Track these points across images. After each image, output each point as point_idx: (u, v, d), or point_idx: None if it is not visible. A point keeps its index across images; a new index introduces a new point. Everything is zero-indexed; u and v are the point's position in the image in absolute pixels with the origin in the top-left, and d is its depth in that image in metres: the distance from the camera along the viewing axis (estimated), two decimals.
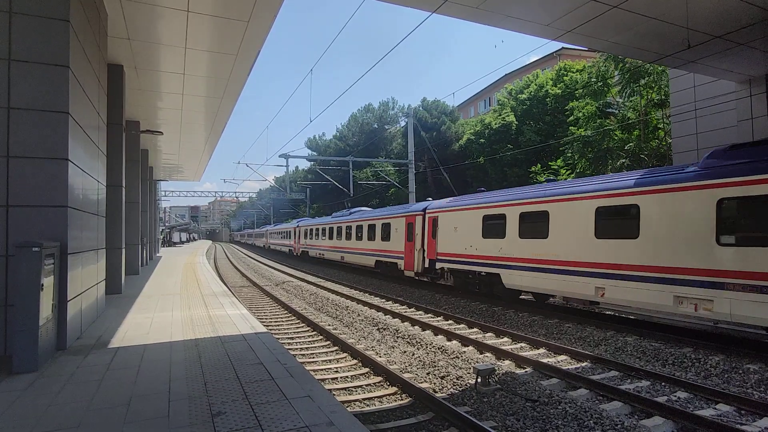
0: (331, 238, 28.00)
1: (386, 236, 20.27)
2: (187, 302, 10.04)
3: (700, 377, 7.10)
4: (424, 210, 17.35)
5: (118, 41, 9.20)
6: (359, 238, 23.31)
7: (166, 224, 62.03)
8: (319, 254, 29.77)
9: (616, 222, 9.85)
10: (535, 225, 11.81)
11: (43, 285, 5.04)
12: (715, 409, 5.85)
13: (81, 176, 6.54)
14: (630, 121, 19.99)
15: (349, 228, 25.01)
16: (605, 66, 20.21)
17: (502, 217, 12.89)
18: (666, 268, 8.70)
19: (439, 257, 15.91)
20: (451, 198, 17.07)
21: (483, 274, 13.70)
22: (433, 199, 19.69)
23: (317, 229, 31.47)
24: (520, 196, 12.61)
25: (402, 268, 18.57)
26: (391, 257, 19.77)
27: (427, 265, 16.74)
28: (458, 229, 14.91)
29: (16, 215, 5.52)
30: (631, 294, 9.27)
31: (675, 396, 6.27)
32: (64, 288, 5.83)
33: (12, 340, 5.05)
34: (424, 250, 16.98)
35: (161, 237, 44.81)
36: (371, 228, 21.96)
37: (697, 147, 14.24)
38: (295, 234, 38.50)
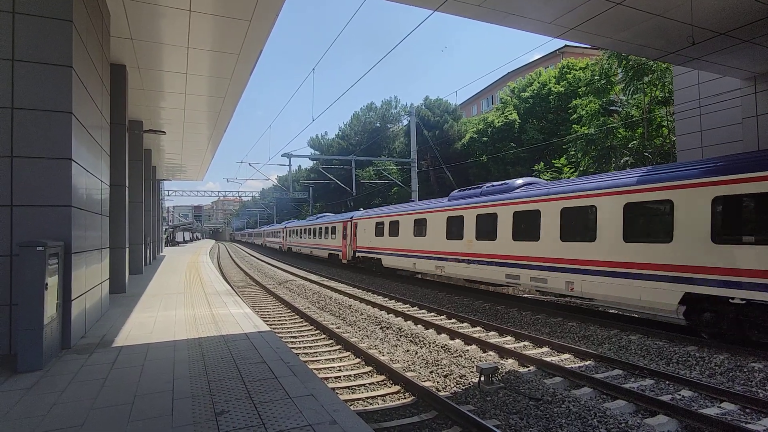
0: (303, 237, 36.50)
1: (334, 236, 27.84)
2: (190, 301, 10.07)
3: (704, 376, 7.07)
4: (351, 218, 25.19)
5: (120, 41, 9.22)
6: (319, 236, 31.22)
7: (170, 224, 62.23)
8: (297, 249, 36.42)
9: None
10: (393, 228, 19.64)
11: (47, 284, 5.06)
12: (720, 407, 5.83)
13: (84, 176, 6.56)
14: (633, 119, 19.91)
15: (313, 230, 33.04)
16: (608, 63, 20.12)
17: (382, 224, 20.70)
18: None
19: (357, 249, 23.67)
20: (366, 210, 25.66)
21: (374, 258, 21.51)
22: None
23: (296, 230, 40.29)
24: (389, 211, 20.76)
25: (341, 258, 26.52)
26: (335, 250, 27.74)
27: (353, 254, 24.37)
28: (366, 231, 22.64)
29: (20, 215, 5.54)
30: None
31: (679, 394, 6.25)
32: (68, 287, 5.85)
33: (17, 339, 5.08)
34: (349, 245, 24.89)
35: (165, 236, 44.97)
36: (326, 230, 29.63)
37: (701, 144, 14.17)
38: (282, 234, 45.30)
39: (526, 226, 12.11)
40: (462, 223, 14.78)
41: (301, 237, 37.99)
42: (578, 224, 10.72)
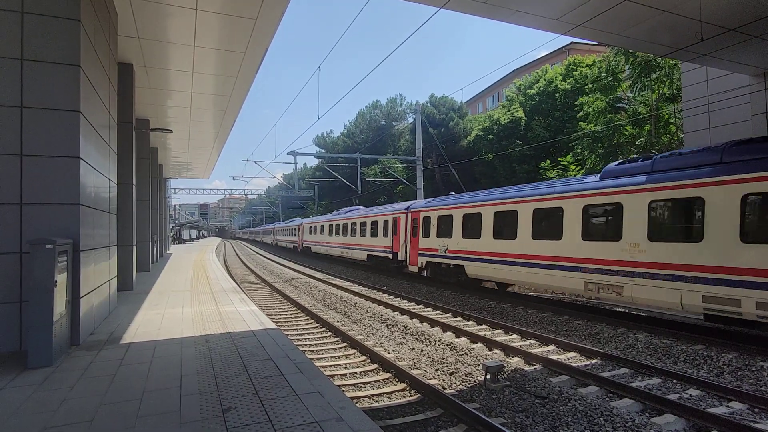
0: (285, 235, 49.36)
1: (302, 234, 39.06)
2: (197, 299, 10.13)
3: (712, 375, 7.02)
4: (300, 223, 37.16)
5: (127, 40, 9.28)
6: (292, 234, 44.12)
7: (176, 222, 62.58)
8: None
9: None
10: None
11: (56, 282, 5.11)
12: (728, 407, 5.79)
13: (92, 174, 6.61)
14: (641, 116, 19.74)
15: (290, 230, 45.58)
16: (616, 60, 19.95)
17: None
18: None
19: (304, 242, 30.22)
20: (308, 218, 35.63)
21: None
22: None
23: (282, 229, 51.49)
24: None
25: (298, 249, 38.77)
26: (295, 244, 41.97)
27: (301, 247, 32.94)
28: (314, 230, 30.04)
29: (29, 213, 5.60)
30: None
31: (687, 393, 6.21)
32: (77, 284, 5.91)
33: (27, 336, 5.14)
34: (303, 241, 34.40)
35: (171, 234, 45.23)
36: (293, 229, 43.48)
37: (709, 142, 14.04)
38: (299, 231, 47.68)
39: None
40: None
41: (282, 234, 45.39)
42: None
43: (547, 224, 11.63)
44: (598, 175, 10.86)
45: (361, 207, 30.22)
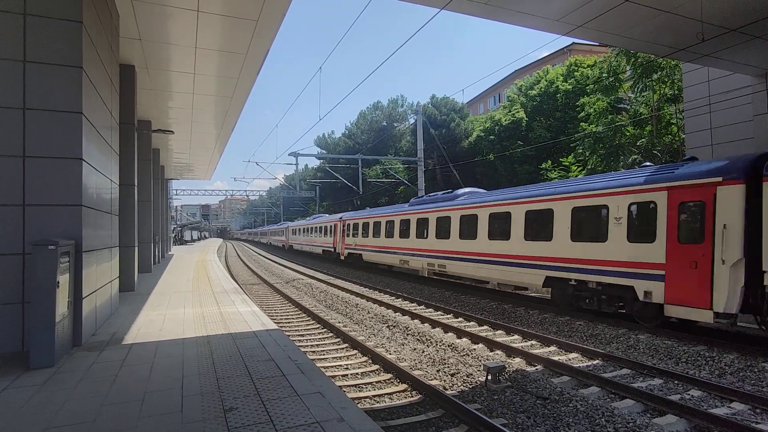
0: (277, 235, 55.74)
1: (287, 235, 47.50)
2: (198, 299, 10.15)
3: (714, 375, 7.01)
4: (287, 226, 44.10)
5: (129, 42, 9.31)
6: (279, 234, 52.72)
7: (178, 223, 62.67)
8: (275, 244, 47.86)
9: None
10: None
11: (58, 282, 5.13)
12: (730, 407, 5.78)
13: (95, 175, 6.64)
14: (642, 117, 19.73)
15: (280, 231, 52.34)
16: (617, 61, 19.94)
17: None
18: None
19: (289, 242, 39.42)
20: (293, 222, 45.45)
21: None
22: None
23: (274, 231, 58.41)
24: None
25: (285, 248, 47.53)
26: (283, 243, 49.05)
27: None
28: (295, 232, 39.39)
29: (32, 214, 5.63)
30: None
31: (688, 394, 6.20)
32: (79, 285, 5.93)
33: (29, 336, 5.16)
34: (288, 241, 43.12)
35: (173, 235, 45.30)
36: (282, 231, 50.51)
37: (711, 142, 14.03)
38: (265, 233, 60.36)
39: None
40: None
41: (272, 235, 57.45)
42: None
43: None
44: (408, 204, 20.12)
45: (324, 214, 39.12)
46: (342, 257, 27.47)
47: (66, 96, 5.82)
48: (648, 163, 11.07)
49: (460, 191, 16.94)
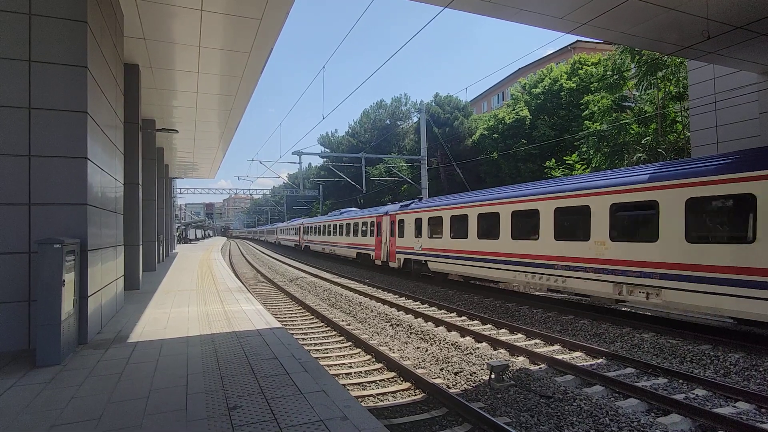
0: (269, 234, 66.33)
1: (277, 234, 59.40)
2: (203, 298, 10.19)
3: (719, 375, 6.98)
4: (277, 227, 61.25)
5: (133, 41, 9.34)
6: (273, 233, 64.63)
7: (182, 221, 62.89)
8: (267, 239, 59.72)
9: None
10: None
11: (64, 281, 5.17)
12: (735, 407, 5.76)
13: (99, 174, 6.67)
14: (647, 115, 19.63)
15: (271, 230, 65.86)
16: (621, 58, 19.84)
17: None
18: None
19: (278, 238, 55.02)
20: (282, 223, 57.77)
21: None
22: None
23: (268, 231, 68.24)
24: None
25: (275, 243, 61.56)
26: (275, 238, 61.45)
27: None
28: (280, 231, 54.68)
29: (37, 213, 5.66)
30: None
31: (693, 393, 6.18)
32: (85, 284, 5.97)
33: (35, 335, 5.20)
34: (278, 238, 57.49)
35: (177, 234, 45.47)
36: (274, 230, 64.06)
37: (716, 140, 13.94)
38: (272, 232, 65.16)
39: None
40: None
41: (265, 233, 75.91)
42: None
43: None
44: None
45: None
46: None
47: (71, 95, 5.85)
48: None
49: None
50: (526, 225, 12.33)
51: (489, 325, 10.46)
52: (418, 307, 12.70)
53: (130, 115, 10.37)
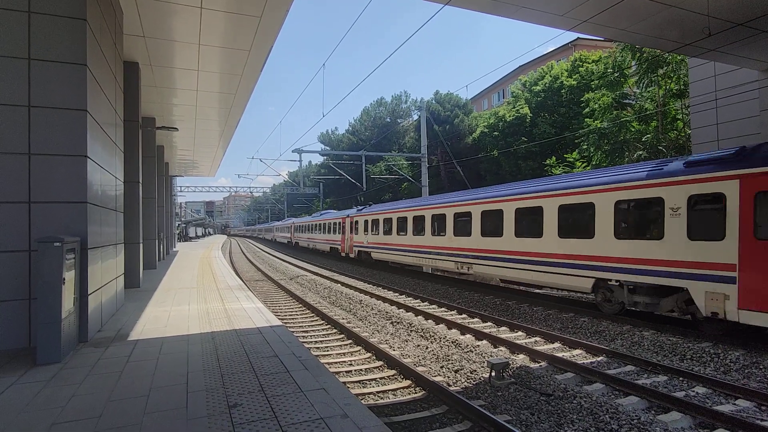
0: (277, 231, 61.72)
1: (273, 232, 64.15)
2: (203, 296, 10.20)
3: (719, 372, 6.98)
4: (273, 225, 68.16)
5: (133, 39, 9.32)
6: (269, 231, 70.47)
7: (182, 219, 62.91)
8: (281, 240, 56.99)
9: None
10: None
11: (64, 279, 5.17)
12: (735, 404, 5.76)
13: (99, 172, 6.66)
14: (648, 112, 19.59)
15: (267, 229, 72.96)
16: (622, 56, 19.78)
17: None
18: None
19: (273, 235, 62.26)
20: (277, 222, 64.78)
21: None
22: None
23: (277, 227, 62.11)
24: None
25: (270, 239, 69.05)
26: (271, 236, 66.95)
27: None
28: (271, 230, 64.73)
29: (37, 211, 5.66)
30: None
31: (693, 391, 6.18)
32: (85, 282, 5.97)
33: (36, 333, 5.20)
34: (274, 235, 63.22)
35: (177, 232, 45.49)
36: (269, 229, 71.76)
37: (717, 138, 13.93)
38: (270, 230, 68.35)
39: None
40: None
41: (274, 231, 64.88)
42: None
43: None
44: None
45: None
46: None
47: (70, 93, 5.84)
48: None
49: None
50: (439, 225, 16.58)
51: (489, 323, 10.47)
52: (419, 305, 12.71)
53: (130, 113, 10.35)
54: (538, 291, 14.76)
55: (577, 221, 10.68)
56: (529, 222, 12.03)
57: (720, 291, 7.77)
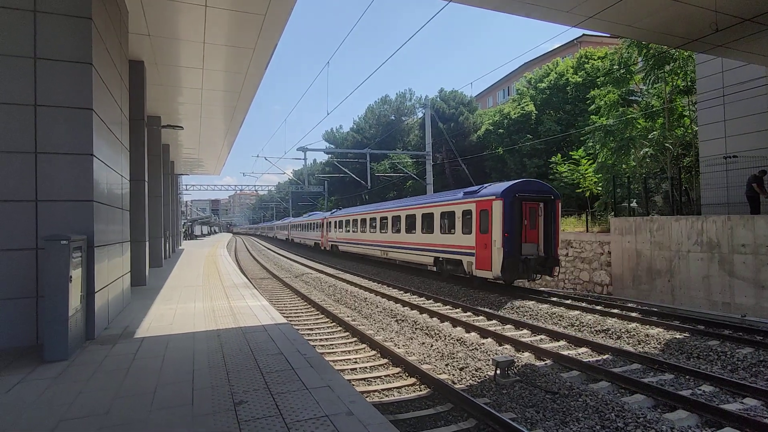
0: (278, 230, 64.93)
1: (274, 230, 69.27)
2: (209, 294, 10.24)
3: (726, 371, 6.94)
4: (273, 224, 76.15)
5: (138, 37, 9.35)
6: (270, 230, 75.00)
7: (188, 217, 63.17)
8: (281, 237, 61.05)
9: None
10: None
11: (71, 277, 5.20)
12: (742, 403, 5.72)
13: (105, 171, 6.70)
14: (654, 109, 19.43)
15: (269, 227, 77.94)
16: (628, 52, 19.61)
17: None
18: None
19: (274, 233, 67.07)
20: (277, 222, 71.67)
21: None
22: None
23: (278, 226, 66.63)
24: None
25: (270, 236, 77.15)
26: (273, 234, 70.82)
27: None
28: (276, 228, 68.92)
29: (44, 210, 5.70)
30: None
31: (700, 389, 6.15)
32: (92, 280, 6.00)
33: (43, 330, 5.24)
34: (275, 233, 68.49)
35: (183, 230, 45.70)
36: (270, 227, 78.65)
37: (725, 134, 13.80)
38: (272, 228, 71.72)
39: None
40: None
41: (282, 229, 62.97)
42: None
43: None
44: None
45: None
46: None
47: (76, 92, 5.86)
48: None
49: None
50: (371, 225, 23.71)
51: (494, 321, 10.45)
52: (423, 303, 12.70)
53: (136, 111, 10.38)
54: (543, 289, 14.71)
55: (428, 224, 17.52)
56: (410, 224, 19.17)
57: (470, 261, 14.47)
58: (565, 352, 7.76)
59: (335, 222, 30.63)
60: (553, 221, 13.84)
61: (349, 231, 27.56)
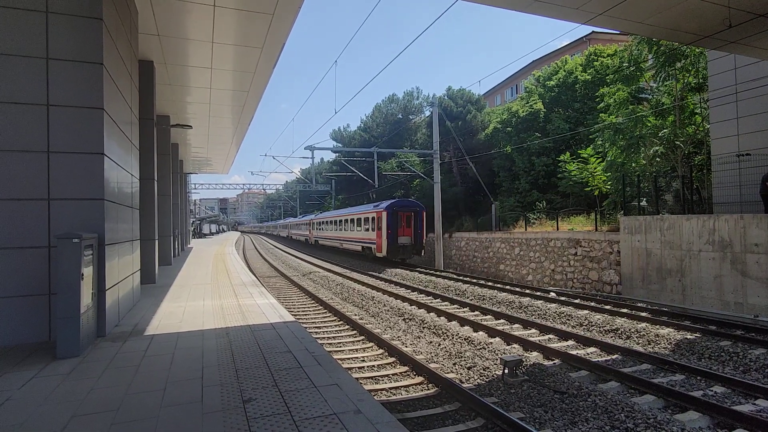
0: (292, 229, 64.10)
1: (277, 229, 79.98)
2: (217, 292, 10.31)
3: (738, 372, 6.85)
4: (276, 224, 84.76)
5: (148, 38, 9.42)
6: (274, 228, 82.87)
7: (197, 216, 63.63)
8: (271, 232, 76.52)
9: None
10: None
11: (83, 274, 5.26)
12: (755, 404, 5.65)
13: (116, 170, 6.76)
14: (665, 107, 19.20)
15: (273, 226, 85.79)
16: (638, 49, 19.38)
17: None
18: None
19: (277, 232, 79.64)
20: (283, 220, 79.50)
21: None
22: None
23: (270, 226, 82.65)
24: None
25: (271, 234, 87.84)
26: (276, 233, 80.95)
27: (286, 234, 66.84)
28: (278, 227, 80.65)
29: (56, 208, 5.77)
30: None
31: (711, 390, 6.08)
32: (103, 277, 6.07)
33: (55, 327, 5.31)
34: (277, 232, 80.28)
35: (192, 228, 46.04)
36: (275, 226, 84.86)
37: (737, 132, 13.61)
38: (263, 227, 78.25)
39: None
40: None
41: (286, 228, 68.87)
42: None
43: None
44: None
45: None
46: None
47: (88, 92, 5.93)
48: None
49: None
50: (334, 225, 34.23)
51: (502, 320, 10.41)
52: (431, 302, 12.69)
53: (145, 111, 10.47)
54: (551, 288, 14.62)
55: (358, 225, 27.20)
56: (351, 225, 29.02)
57: (374, 247, 24.58)
58: (574, 352, 7.72)
59: (317, 222, 41.82)
60: (419, 224, 23.91)
61: (322, 230, 39.07)
